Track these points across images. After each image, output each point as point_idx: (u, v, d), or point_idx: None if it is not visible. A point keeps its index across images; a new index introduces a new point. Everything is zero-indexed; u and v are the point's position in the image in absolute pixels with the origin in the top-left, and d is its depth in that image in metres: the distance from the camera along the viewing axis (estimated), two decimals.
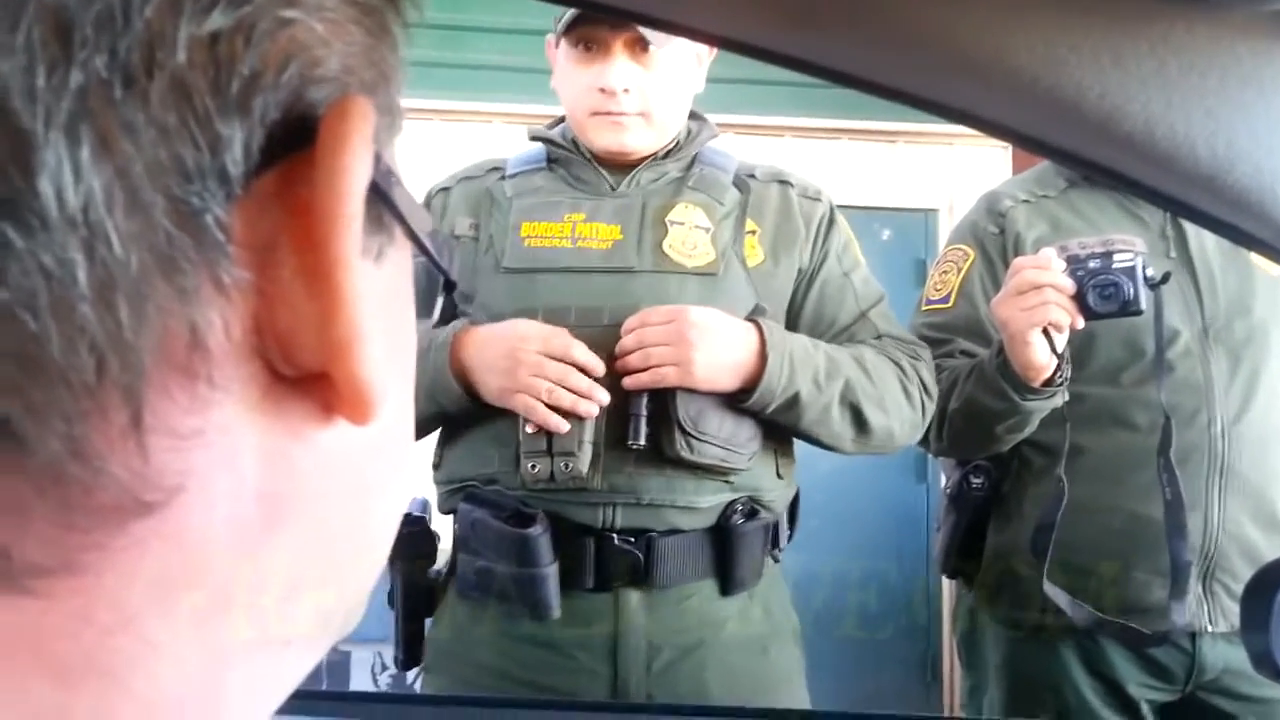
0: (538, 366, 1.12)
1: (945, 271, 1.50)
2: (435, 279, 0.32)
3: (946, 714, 3.42)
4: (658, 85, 1.24)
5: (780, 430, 1.23)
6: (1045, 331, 1.23)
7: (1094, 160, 0.47)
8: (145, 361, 0.20)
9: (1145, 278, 1.23)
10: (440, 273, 0.32)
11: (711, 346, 1.14)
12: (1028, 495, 1.42)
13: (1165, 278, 1.26)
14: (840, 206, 1.36)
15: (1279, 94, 0.40)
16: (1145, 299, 1.23)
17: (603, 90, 1.22)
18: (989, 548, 1.48)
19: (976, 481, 1.47)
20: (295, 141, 0.23)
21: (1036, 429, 1.35)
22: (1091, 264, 1.23)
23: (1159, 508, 1.27)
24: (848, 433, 1.22)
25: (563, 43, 1.25)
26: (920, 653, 3.50)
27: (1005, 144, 3.48)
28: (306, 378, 0.24)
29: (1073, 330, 1.25)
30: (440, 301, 0.40)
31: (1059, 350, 1.25)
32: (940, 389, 1.37)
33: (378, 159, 0.24)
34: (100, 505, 0.21)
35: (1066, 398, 1.30)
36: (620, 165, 1.28)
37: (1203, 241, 1.39)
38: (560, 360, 1.13)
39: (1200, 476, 1.32)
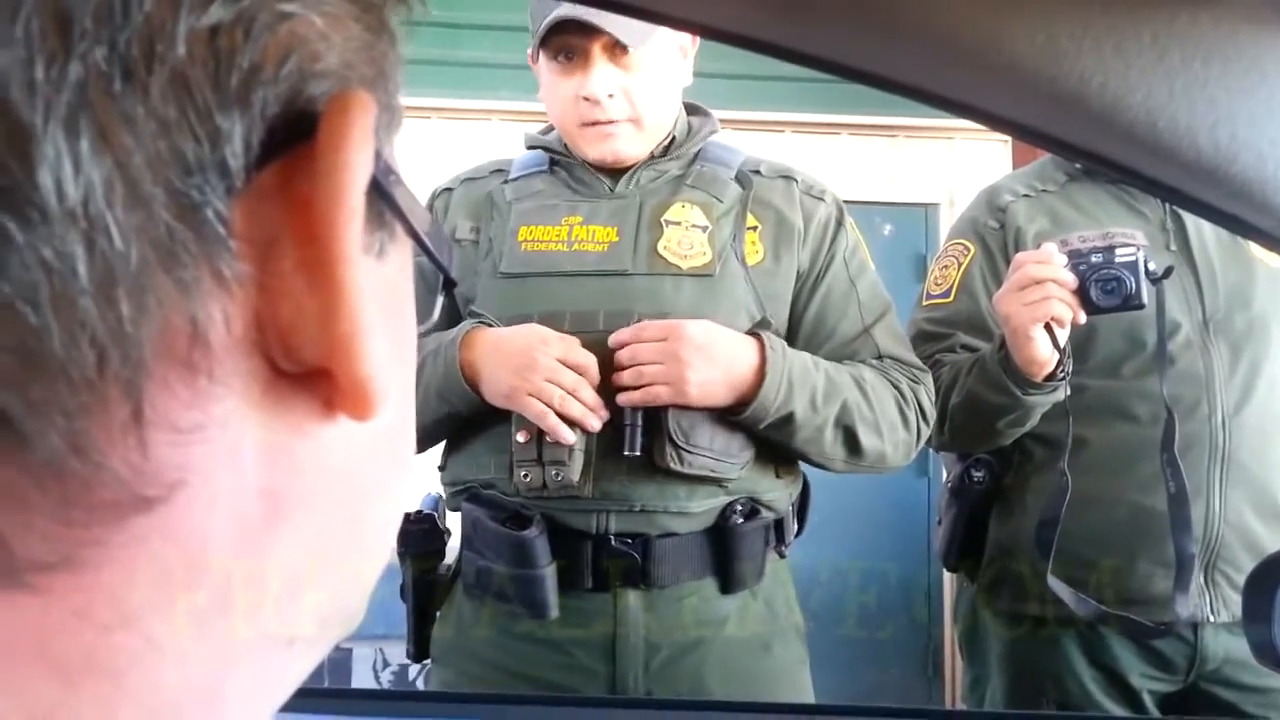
0: (553, 372, 1.11)
1: (946, 266, 1.50)
2: (436, 281, 0.32)
3: (948, 707, 3.42)
4: (642, 86, 1.21)
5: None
6: (1047, 326, 1.23)
7: (1096, 152, 0.46)
8: (146, 355, 0.20)
9: (1147, 272, 1.22)
10: (440, 270, 0.32)
11: (707, 366, 1.12)
12: (1029, 488, 1.42)
13: (1168, 272, 1.26)
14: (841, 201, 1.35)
15: None
16: (1147, 293, 1.22)
17: (587, 99, 1.20)
18: (990, 541, 1.48)
19: (978, 475, 1.46)
20: (296, 136, 0.23)
21: (1038, 422, 1.35)
22: (1093, 258, 1.22)
23: (1161, 499, 1.27)
24: (839, 454, 1.21)
25: (542, 56, 1.23)
26: (922, 646, 3.51)
27: (1005, 138, 3.48)
28: (308, 374, 0.24)
29: (1074, 325, 1.24)
30: (440, 301, 0.40)
31: (1061, 345, 1.25)
32: (942, 384, 1.37)
33: (378, 156, 0.24)
34: (100, 500, 0.21)
35: (1068, 392, 1.30)
36: (619, 167, 1.27)
37: (1202, 234, 1.39)
38: (577, 371, 1.12)
39: (1201, 467, 1.32)
